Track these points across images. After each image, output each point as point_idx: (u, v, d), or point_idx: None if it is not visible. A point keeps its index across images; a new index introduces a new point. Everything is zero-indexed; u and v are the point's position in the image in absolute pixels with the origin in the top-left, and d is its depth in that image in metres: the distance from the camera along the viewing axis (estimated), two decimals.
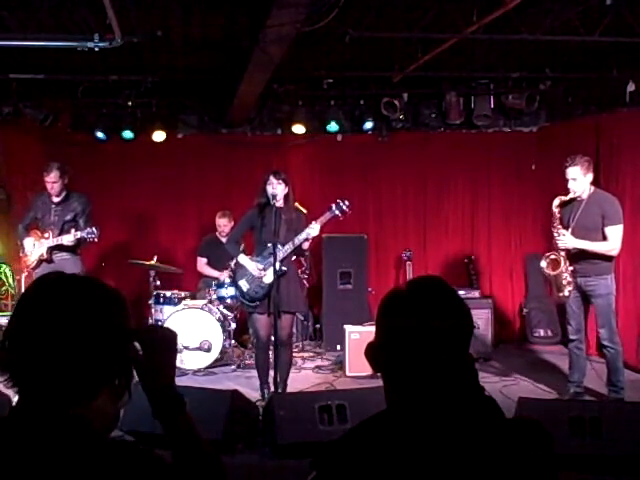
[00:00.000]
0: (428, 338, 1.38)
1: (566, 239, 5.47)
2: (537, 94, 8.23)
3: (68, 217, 6.56)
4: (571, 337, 5.74)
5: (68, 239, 6.33)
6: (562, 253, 5.51)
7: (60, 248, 6.44)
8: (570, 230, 5.50)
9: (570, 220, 5.53)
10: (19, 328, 1.32)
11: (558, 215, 5.54)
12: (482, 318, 7.28)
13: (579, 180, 5.43)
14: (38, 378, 1.30)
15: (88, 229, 6.29)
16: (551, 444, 1.39)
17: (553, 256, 5.56)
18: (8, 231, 7.35)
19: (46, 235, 6.45)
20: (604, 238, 5.43)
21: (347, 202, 5.69)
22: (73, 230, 6.38)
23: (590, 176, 5.50)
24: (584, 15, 5.60)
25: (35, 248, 6.52)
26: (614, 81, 7.33)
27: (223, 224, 7.81)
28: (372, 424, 1.38)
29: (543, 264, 5.61)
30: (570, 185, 5.46)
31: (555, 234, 5.52)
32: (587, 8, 5.43)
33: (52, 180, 6.43)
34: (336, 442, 1.39)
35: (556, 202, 5.55)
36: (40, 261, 6.49)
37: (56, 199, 6.57)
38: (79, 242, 6.42)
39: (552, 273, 5.54)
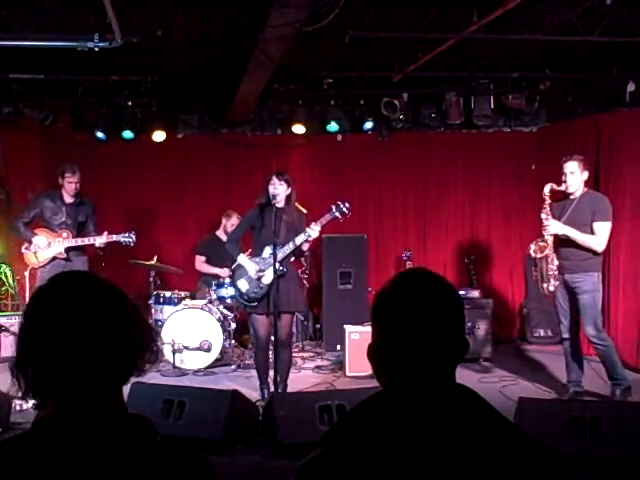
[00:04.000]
0: (419, 332, 1.38)
1: (552, 224, 5.53)
2: (537, 94, 8.22)
3: (80, 219, 6.75)
4: (564, 336, 5.77)
5: (101, 241, 6.55)
6: (549, 241, 5.56)
7: (75, 247, 6.63)
8: None
9: (561, 216, 5.59)
10: (55, 326, 1.30)
11: (549, 201, 5.58)
12: (482, 318, 7.27)
13: (576, 175, 5.51)
14: (77, 375, 1.30)
15: (124, 233, 6.62)
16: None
17: (541, 242, 5.61)
18: (8, 231, 7.34)
19: (64, 235, 6.58)
20: (592, 234, 5.49)
21: (348, 204, 5.67)
22: (106, 233, 6.59)
23: (586, 174, 5.58)
24: (584, 15, 5.60)
25: (51, 247, 6.59)
26: (614, 81, 7.33)
27: (231, 224, 7.58)
28: (372, 403, 1.40)
29: (531, 249, 5.65)
30: (567, 179, 5.52)
31: (544, 220, 5.57)
32: (587, 8, 5.43)
33: (76, 181, 6.62)
34: (340, 421, 1.44)
35: (547, 188, 5.59)
36: (53, 259, 6.59)
37: (69, 200, 6.70)
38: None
39: (538, 256, 5.59)
